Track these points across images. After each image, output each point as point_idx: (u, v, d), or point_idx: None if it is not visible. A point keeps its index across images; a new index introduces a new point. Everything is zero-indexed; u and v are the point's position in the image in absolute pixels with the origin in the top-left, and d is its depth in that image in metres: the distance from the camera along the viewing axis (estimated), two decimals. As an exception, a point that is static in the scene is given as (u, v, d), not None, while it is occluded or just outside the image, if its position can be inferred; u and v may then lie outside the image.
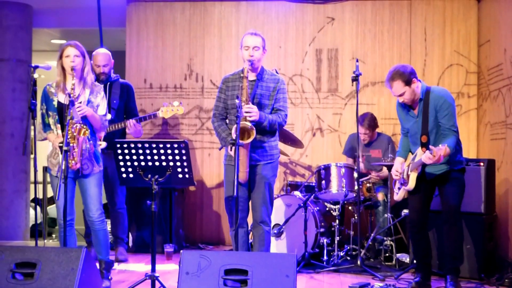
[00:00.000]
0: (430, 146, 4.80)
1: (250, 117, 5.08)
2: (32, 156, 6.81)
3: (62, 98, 5.19)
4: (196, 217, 7.88)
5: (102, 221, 5.29)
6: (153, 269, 4.91)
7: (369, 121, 6.91)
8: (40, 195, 7.70)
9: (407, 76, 5.06)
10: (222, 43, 7.91)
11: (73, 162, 5.05)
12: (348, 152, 7.10)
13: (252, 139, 5.08)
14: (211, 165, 7.90)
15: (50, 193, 8.73)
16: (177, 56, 8.01)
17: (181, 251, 4.25)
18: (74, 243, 5.29)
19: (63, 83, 5.20)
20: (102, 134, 5.51)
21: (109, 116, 5.92)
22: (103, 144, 5.93)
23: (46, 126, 5.29)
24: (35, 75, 5.51)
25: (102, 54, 6.45)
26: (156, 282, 4.89)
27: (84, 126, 5.08)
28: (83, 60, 5.22)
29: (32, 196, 8.32)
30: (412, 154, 5.26)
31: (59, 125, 5.20)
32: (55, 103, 5.22)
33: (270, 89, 5.31)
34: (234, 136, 5.00)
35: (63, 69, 5.19)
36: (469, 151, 7.36)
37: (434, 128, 5.07)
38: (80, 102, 5.13)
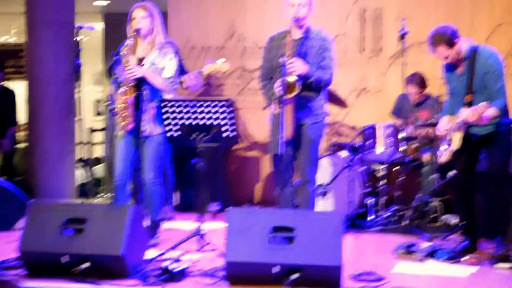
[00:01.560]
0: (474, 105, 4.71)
1: (294, 71, 5.02)
2: (77, 117, 6.89)
3: (133, 61, 5.22)
4: (240, 177, 7.89)
5: (155, 183, 5.31)
6: (200, 227, 4.95)
7: (419, 81, 6.78)
8: (85, 156, 7.79)
9: (449, 39, 4.89)
10: (265, 3, 7.82)
11: (123, 123, 5.11)
12: (396, 112, 6.99)
13: (296, 93, 5.02)
14: (254, 125, 7.87)
15: (95, 154, 8.83)
16: (219, 16, 7.95)
17: (228, 208, 4.26)
18: (126, 202, 5.33)
19: (133, 46, 5.23)
20: (170, 96, 5.49)
21: None
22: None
23: (116, 87, 5.35)
24: (79, 37, 5.54)
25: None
26: (203, 239, 4.94)
27: (131, 86, 5.10)
28: (152, 20, 5.24)
29: (77, 157, 8.41)
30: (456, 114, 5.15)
31: None
32: None
33: (315, 48, 5.24)
34: (278, 93, 4.96)
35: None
36: (517, 112, 7.20)
37: (480, 89, 4.94)
38: (135, 65, 5.15)
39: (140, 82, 5.20)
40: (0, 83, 8.57)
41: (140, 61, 5.24)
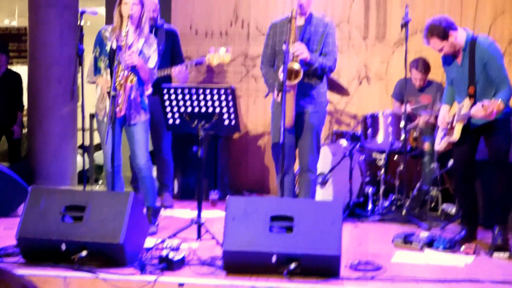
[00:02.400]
0: (484, 101, 4.66)
1: (301, 54, 5.00)
2: (79, 103, 6.87)
3: (116, 44, 5.18)
4: (241, 165, 7.88)
5: (149, 168, 5.32)
6: (199, 215, 4.96)
7: (423, 66, 6.77)
8: (87, 142, 7.77)
9: (442, 32, 4.87)
10: (268, -12, 7.79)
11: (117, 108, 5.04)
12: (397, 96, 6.96)
13: (299, 79, 5.01)
14: (256, 112, 7.86)
15: (96, 140, 8.81)
16: (223, 1, 7.90)
17: (228, 196, 4.25)
18: (121, 189, 5.34)
19: (119, 30, 5.17)
20: (149, 87, 5.47)
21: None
22: (149, 91, 5.93)
23: (96, 70, 5.31)
24: (82, 22, 5.50)
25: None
26: (202, 227, 4.94)
27: (132, 74, 5.08)
28: (141, 8, 5.19)
29: (79, 142, 8.40)
30: (458, 104, 5.13)
31: (109, 70, 5.18)
32: (107, 48, 5.21)
33: (318, 34, 5.23)
34: (280, 78, 4.93)
35: (121, 16, 5.16)
36: (520, 101, 7.18)
37: (481, 79, 4.91)
38: (133, 51, 5.12)
39: (131, 70, 5.17)
40: (5, 66, 8.57)
41: (129, 48, 5.16)
